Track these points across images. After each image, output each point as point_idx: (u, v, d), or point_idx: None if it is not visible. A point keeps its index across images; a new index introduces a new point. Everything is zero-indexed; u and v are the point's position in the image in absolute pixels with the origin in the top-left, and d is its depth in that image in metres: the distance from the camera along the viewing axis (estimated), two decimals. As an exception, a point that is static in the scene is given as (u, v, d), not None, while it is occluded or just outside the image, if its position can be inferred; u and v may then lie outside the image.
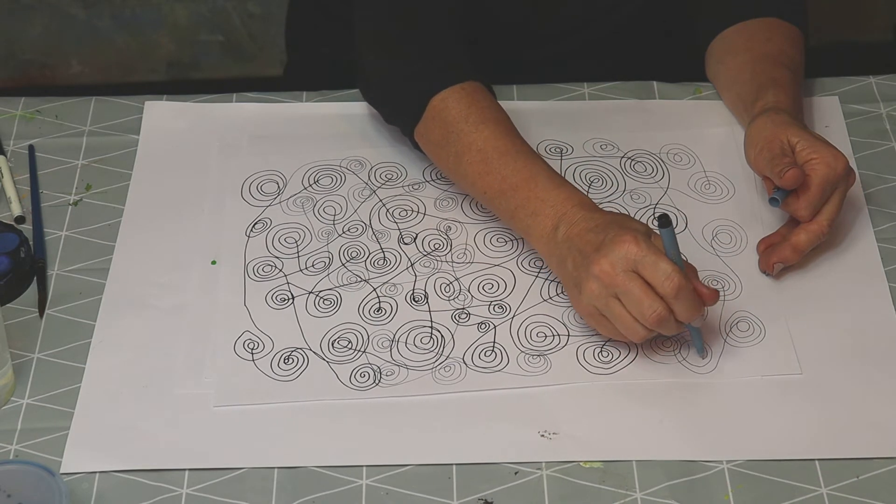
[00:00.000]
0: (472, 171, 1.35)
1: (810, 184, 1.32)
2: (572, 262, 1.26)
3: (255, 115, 1.52)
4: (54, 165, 1.47)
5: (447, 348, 1.29)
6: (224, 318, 1.32)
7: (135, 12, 2.42)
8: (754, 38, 1.48)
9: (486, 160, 1.34)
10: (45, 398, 1.26)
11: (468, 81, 1.39)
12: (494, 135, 1.35)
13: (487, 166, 1.34)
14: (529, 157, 1.34)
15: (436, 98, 1.38)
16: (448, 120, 1.37)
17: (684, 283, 1.21)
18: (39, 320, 1.32)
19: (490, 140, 1.35)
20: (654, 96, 1.54)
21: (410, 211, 1.42)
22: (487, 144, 1.35)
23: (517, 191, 1.32)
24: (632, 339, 1.24)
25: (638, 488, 1.19)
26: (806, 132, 1.34)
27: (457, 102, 1.37)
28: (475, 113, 1.37)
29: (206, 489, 1.19)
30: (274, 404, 1.25)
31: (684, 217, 1.41)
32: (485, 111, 1.37)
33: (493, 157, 1.34)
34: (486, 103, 1.38)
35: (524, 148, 1.35)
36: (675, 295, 1.21)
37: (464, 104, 1.37)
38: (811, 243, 1.33)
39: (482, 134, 1.35)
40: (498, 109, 1.38)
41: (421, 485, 1.19)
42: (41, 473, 1.12)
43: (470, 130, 1.36)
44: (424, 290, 1.34)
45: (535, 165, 1.33)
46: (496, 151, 1.34)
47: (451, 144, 1.36)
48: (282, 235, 1.40)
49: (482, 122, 1.36)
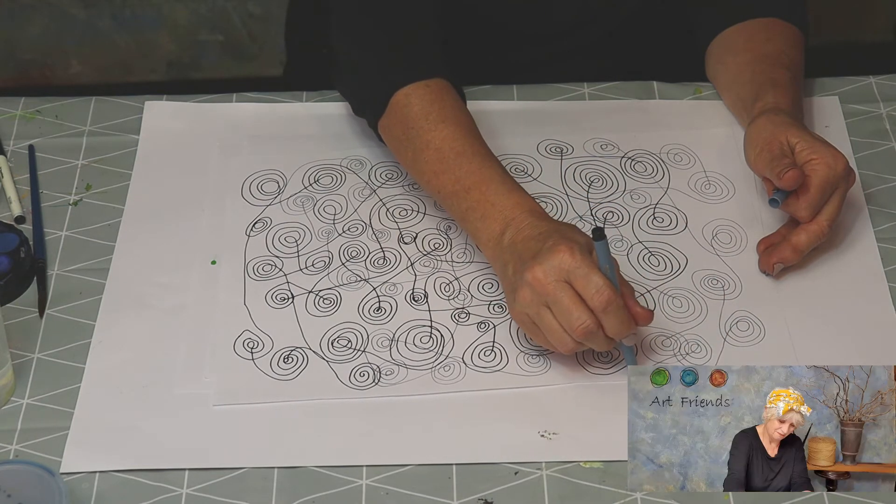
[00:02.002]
0: (429, 170, 1.35)
1: (810, 184, 1.32)
2: (512, 267, 1.25)
3: (255, 115, 1.52)
4: (54, 165, 1.47)
5: (447, 348, 1.29)
6: (224, 318, 1.32)
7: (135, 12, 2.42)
8: (754, 38, 1.47)
9: (443, 159, 1.34)
10: (45, 398, 1.26)
11: (435, 79, 1.38)
12: (453, 135, 1.35)
13: (443, 165, 1.34)
14: (485, 160, 1.33)
15: (399, 93, 1.38)
16: (409, 116, 1.37)
17: (614, 297, 1.20)
18: (39, 320, 1.32)
19: (448, 140, 1.35)
20: (654, 96, 1.54)
21: (410, 210, 1.42)
22: (445, 144, 1.35)
23: (469, 193, 1.31)
24: (560, 350, 1.23)
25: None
26: (805, 132, 1.34)
27: (419, 99, 1.37)
28: (436, 111, 1.36)
29: (206, 489, 1.19)
30: (274, 403, 1.25)
31: (684, 217, 1.41)
32: (446, 110, 1.37)
33: (450, 157, 1.34)
34: (450, 102, 1.38)
35: (481, 150, 1.34)
36: (604, 309, 1.20)
37: (426, 101, 1.37)
38: (811, 244, 1.33)
39: (441, 133, 1.35)
40: (460, 109, 1.38)
41: (421, 485, 1.19)
42: (41, 473, 1.12)
43: (429, 128, 1.36)
44: (424, 290, 1.34)
45: (489, 169, 1.32)
46: (453, 152, 1.34)
47: (410, 141, 1.36)
48: (282, 235, 1.40)
49: (442, 120, 1.36)
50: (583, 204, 1.42)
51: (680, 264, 1.36)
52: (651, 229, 1.40)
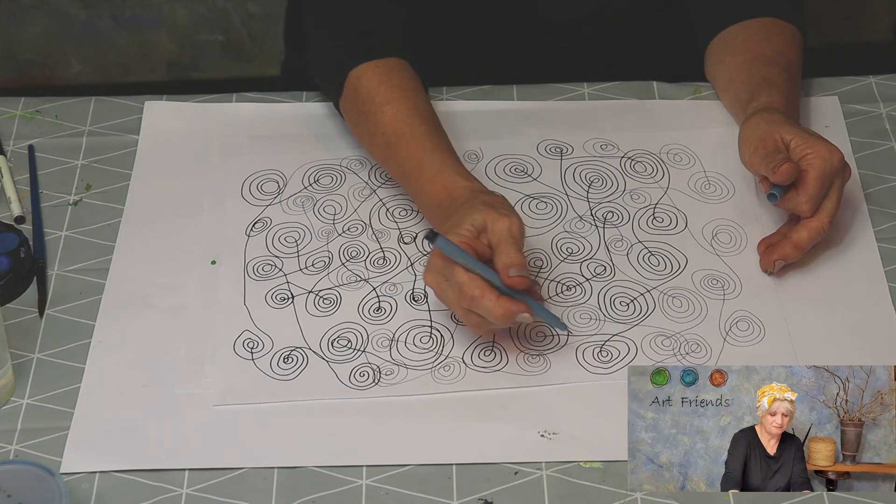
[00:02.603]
0: (378, 154, 1.37)
1: (808, 178, 1.32)
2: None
3: (255, 115, 1.52)
4: (54, 165, 1.47)
5: (447, 348, 1.29)
6: (224, 318, 1.32)
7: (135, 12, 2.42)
8: (752, 38, 1.48)
9: (388, 144, 1.35)
10: (45, 398, 1.26)
11: (389, 58, 1.39)
12: (395, 117, 1.35)
13: (388, 150, 1.35)
14: (422, 142, 1.34)
15: (352, 73, 1.39)
16: (360, 98, 1.38)
17: (470, 296, 1.21)
18: (39, 320, 1.32)
19: (391, 123, 1.35)
20: (654, 96, 1.54)
21: (410, 210, 1.42)
22: (388, 128, 1.36)
23: (409, 179, 1.34)
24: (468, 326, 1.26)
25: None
26: (799, 129, 1.34)
27: (369, 80, 1.37)
28: (384, 92, 1.37)
29: (206, 489, 1.19)
30: (274, 403, 1.25)
31: (684, 217, 1.41)
32: (393, 90, 1.37)
33: (393, 141, 1.35)
34: (398, 81, 1.37)
35: (420, 131, 1.35)
36: (468, 307, 1.22)
37: (375, 81, 1.37)
38: (812, 240, 1.33)
39: (385, 116, 1.36)
40: (410, 89, 1.38)
41: (421, 485, 1.19)
42: (41, 473, 1.12)
43: (376, 111, 1.36)
44: (424, 290, 1.34)
45: (422, 154, 1.33)
46: (395, 136, 1.35)
47: (363, 124, 1.38)
48: (282, 235, 1.40)
49: (387, 102, 1.36)
50: (583, 204, 1.42)
51: (680, 264, 1.36)
52: (651, 229, 1.40)
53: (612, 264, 1.36)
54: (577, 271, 1.36)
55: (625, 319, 1.31)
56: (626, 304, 1.33)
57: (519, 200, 1.42)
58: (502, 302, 1.21)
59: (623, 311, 1.32)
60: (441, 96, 1.53)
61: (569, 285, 1.34)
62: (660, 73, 1.57)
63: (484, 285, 1.21)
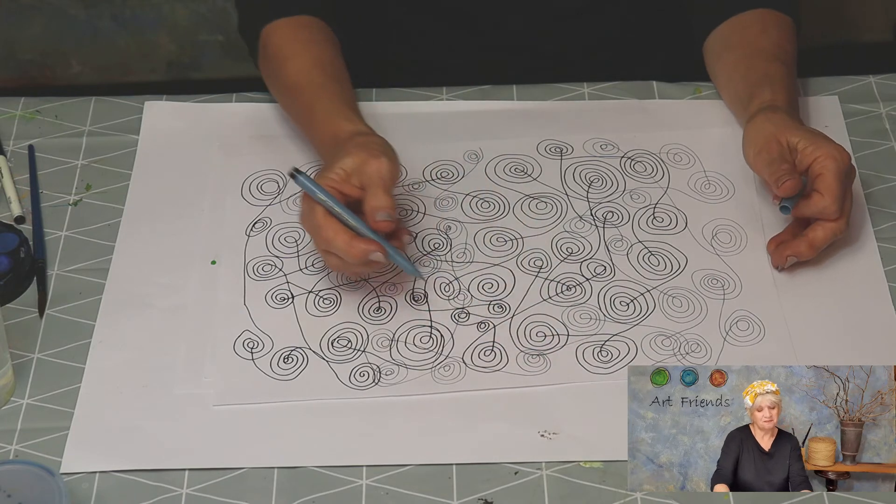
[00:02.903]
0: (284, 108, 1.41)
1: (827, 180, 1.30)
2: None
3: (255, 115, 1.52)
4: (54, 165, 1.47)
5: (447, 348, 1.29)
6: (224, 318, 1.32)
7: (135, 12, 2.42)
8: (748, 31, 1.48)
9: (290, 97, 1.40)
10: (45, 398, 1.26)
11: (300, 16, 1.41)
12: (297, 70, 1.39)
13: (290, 103, 1.40)
14: (315, 93, 1.38)
15: (264, 31, 1.42)
16: (269, 55, 1.42)
17: (329, 235, 1.24)
18: (39, 320, 1.32)
19: (292, 76, 1.39)
20: (653, 96, 1.54)
21: (410, 210, 1.42)
22: (290, 80, 1.39)
23: (305, 128, 1.39)
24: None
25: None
26: (804, 130, 1.34)
27: (279, 37, 1.41)
28: (288, 46, 1.40)
29: (206, 489, 1.19)
30: (274, 403, 1.25)
31: (684, 217, 1.41)
32: (297, 44, 1.40)
33: (294, 93, 1.39)
34: (304, 36, 1.41)
35: (317, 81, 1.38)
36: (327, 249, 1.25)
37: (283, 38, 1.41)
38: (828, 240, 1.32)
39: (288, 69, 1.39)
40: (313, 42, 1.41)
41: (421, 485, 1.19)
42: (41, 473, 1.12)
43: (281, 65, 1.39)
44: (424, 290, 1.34)
45: (315, 103, 1.37)
46: (295, 88, 1.39)
47: (272, 79, 1.43)
48: (282, 235, 1.40)
49: (291, 56, 1.39)
50: (583, 204, 1.42)
51: (680, 264, 1.36)
52: (651, 229, 1.40)
53: (612, 264, 1.36)
54: (577, 271, 1.36)
55: (625, 319, 1.31)
56: (626, 303, 1.33)
57: (519, 200, 1.42)
58: (354, 242, 1.24)
59: (623, 310, 1.32)
60: (441, 96, 1.53)
61: (569, 285, 1.34)
62: (660, 73, 1.57)
63: (338, 227, 1.24)
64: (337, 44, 1.44)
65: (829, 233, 1.32)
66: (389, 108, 1.51)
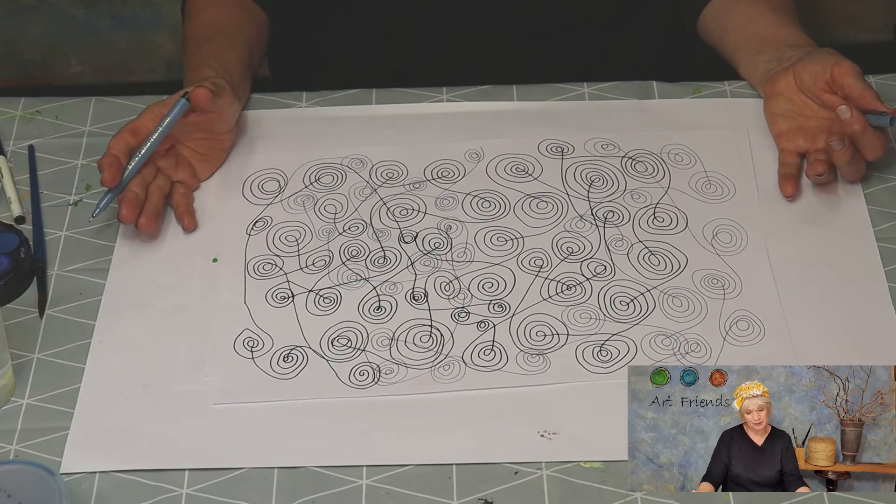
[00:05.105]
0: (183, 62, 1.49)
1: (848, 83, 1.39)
2: None
3: (255, 115, 1.52)
4: (54, 165, 1.47)
5: (446, 347, 1.29)
6: (224, 316, 1.32)
7: (135, 12, 2.42)
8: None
9: (186, 52, 1.49)
10: (45, 398, 1.26)
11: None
12: (194, 27, 1.49)
13: (184, 58, 1.48)
14: (199, 47, 1.46)
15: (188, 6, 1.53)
16: (184, 18, 1.53)
17: (133, 125, 1.36)
18: (39, 320, 1.32)
19: (188, 32, 1.49)
20: (653, 96, 1.54)
21: (411, 210, 1.42)
22: (187, 36, 1.50)
23: (184, 82, 1.44)
24: None
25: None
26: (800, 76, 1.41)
27: (200, 4, 1.51)
28: (196, 4, 1.51)
29: (206, 489, 1.19)
30: (274, 403, 1.25)
31: (685, 216, 1.41)
32: (203, 2, 1.50)
33: (187, 49, 1.48)
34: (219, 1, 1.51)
35: (205, 34, 1.47)
36: (124, 129, 1.36)
37: (200, 3, 1.51)
38: (861, 85, 1.39)
39: (188, 27, 1.50)
40: (220, 4, 1.52)
41: (421, 485, 1.19)
42: (41, 473, 1.12)
43: (186, 27, 1.50)
44: (424, 289, 1.34)
45: (195, 54, 1.45)
46: (189, 44, 1.49)
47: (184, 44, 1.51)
48: (282, 234, 1.40)
49: (195, 13, 1.50)
50: (583, 203, 1.42)
51: (680, 264, 1.36)
52: (651, 229, 1.40)
53: (612, 264, 1.36)
54: (578, 271, 1.36)
55: (625, 319, 1.31)
56: (626, 303, 1.33)
57: (519, 200, 1.42)
58: (114, 144, 1.36)
59: (623, 310, 1.32)
60: (441, 96, 1.53)
61: (569, 285, 1.34)
62: (660, 73, 1.57)
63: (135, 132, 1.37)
64: (257, 18, 1.54)
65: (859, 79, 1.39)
66: (389, 109, 1.52)
